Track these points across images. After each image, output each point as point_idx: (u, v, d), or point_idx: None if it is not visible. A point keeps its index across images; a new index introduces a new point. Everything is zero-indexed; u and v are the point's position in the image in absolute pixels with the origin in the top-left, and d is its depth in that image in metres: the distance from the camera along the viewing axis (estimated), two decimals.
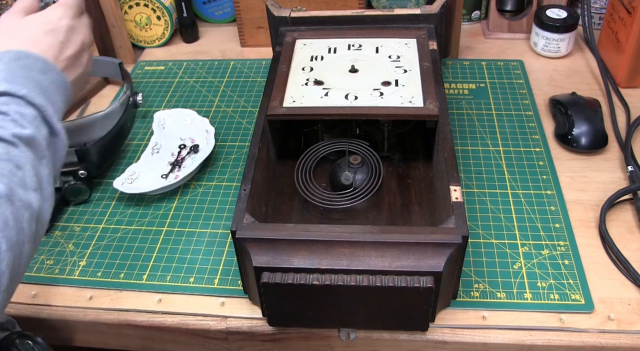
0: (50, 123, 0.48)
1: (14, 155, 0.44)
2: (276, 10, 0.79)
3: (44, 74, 0.50)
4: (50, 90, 0.50)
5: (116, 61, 0.87)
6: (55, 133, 0.49)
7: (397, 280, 0.49)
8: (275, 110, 0.64)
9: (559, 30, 0.87)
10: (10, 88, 0.47)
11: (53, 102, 0.50)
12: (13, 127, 0.45)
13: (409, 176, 0.69)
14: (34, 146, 0.46)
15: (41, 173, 0.46)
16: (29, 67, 0.50)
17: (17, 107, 0.47)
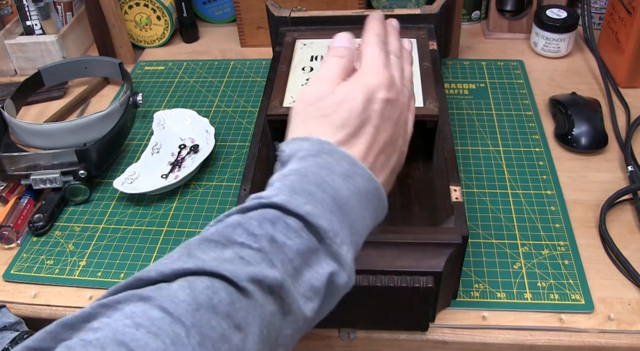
0: (337, 257, 0.34)
1: (239, 309, 0.30)
2: (276, 10, 0.79)
3: (345, 179, 0.36)
4: (352, 204, 0.35)
5: (116, 61, 0.87)
6: (343, 271, 0.34)
7: (397, 280, 0.49)
8: (275, 110, 0.64)
9: (559, 30, 0.87)
10: (287, 201, 0.33)
11: (351, 224, 0.35)
12: (257, 265, 0.31)
13: (409, 176, 0.68)
14: (282, 295, 0.32)
15: (281, 333, 0.32)
16: (328, 167, 0.35)
17: (285, 230, 0.33)
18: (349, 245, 0.35)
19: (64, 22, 0.99)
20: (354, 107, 0.38)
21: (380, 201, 0.38)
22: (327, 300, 0.35)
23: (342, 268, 0.34)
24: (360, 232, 0.36)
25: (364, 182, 0.36)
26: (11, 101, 0.80)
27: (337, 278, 0.34)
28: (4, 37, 0.94)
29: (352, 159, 0.36)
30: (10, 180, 0.72)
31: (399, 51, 0.44)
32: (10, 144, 0.77)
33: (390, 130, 0.40)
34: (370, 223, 0.37)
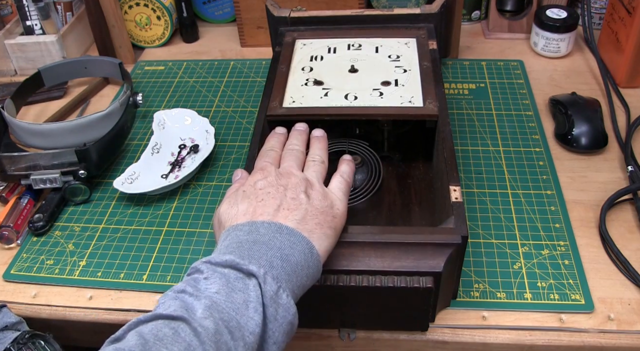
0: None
1: (183, 334, 0.37)
2: (276, 10, 0.79)
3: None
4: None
5: (116, 61, 0.87)
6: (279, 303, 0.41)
7: (397, 280, 0.49)
8: (275, 110, 0.64)
9: (559, 30, 0.87)
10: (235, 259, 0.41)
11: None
12: (188, 299, 0.39)
13: (409, 176, 0.68)
14: (217, 318, 0.38)
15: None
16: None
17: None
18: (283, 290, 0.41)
19: (64, 22, 0.99)
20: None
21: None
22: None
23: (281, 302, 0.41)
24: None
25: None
26: (11, 101, 0.80)
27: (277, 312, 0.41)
28: (4, 37, 0.94)
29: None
30: (10, 180, 0.72)
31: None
32: (10, 144, 0.77)
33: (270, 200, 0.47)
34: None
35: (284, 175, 0.49)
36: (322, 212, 0.47)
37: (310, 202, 0.47)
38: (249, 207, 0.46)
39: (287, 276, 0.42)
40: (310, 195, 0.48)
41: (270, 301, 0.40)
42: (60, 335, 0.62)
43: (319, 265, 0.45)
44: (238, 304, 0.39)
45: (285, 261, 0.42)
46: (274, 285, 0.40)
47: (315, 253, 0.45)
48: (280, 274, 0.41)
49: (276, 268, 0.41)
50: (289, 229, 0.44)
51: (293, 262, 0.42)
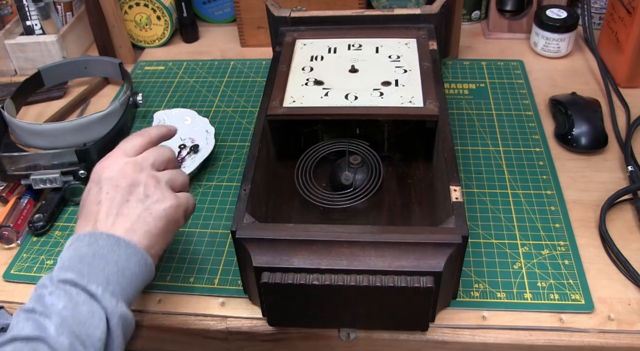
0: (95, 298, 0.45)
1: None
2: (276, 10, 0.79)
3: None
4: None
5: (116, 61, 0.87)
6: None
7: (397, 280, 0.49)
8: (275, 110, 0.64)
9: (559, 30, 0.87)
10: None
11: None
12: (39, 318, 0.43)
13: (409, 176, 0.68)
14: (68, 333, 0.42)
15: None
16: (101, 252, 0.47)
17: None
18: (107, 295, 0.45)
19: (64, 22, 0.99)
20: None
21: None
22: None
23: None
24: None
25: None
26: (11, 101, 0.80)
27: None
28: (4, 37, 0.94)
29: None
30: (10, 180, 0.72)
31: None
32: (10, 144, 0.77)
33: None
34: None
35: (125, 174, 0.51)
36: (162, 224, 0.50)
37: (149, 212, 0.50)
38: (96, 211, 0.50)
39: (123, 289, 0.46)
40: (148, 196, 0.50)
41: (111, 314, 0.44)
42: None
43: (152, 271, 0.50)
44: (84, 316, 0.43)
45: (122, 275, 0.46)
46: (113, 300, 0.45)
47: (150, 263, 0.49)
48: (116, 289, 0.46)
49: (113, 284, 0.45)
50: (126, 242, 0.47)
51: (129, 275, 0.47)
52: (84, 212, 0.51)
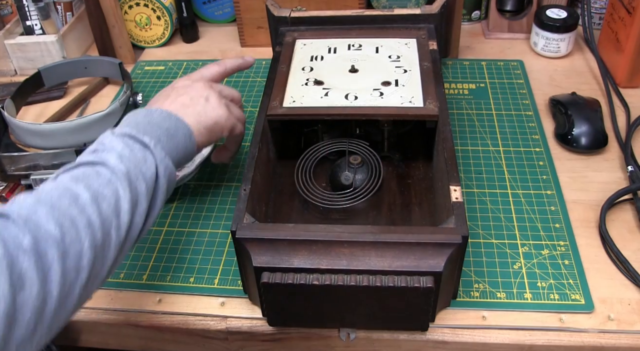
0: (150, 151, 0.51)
1: (103, 173, 0.47)
2: (276, 10, 0.79)
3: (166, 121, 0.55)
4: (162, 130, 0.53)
5: (116, 61, 0.87)
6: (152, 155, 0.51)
7: (397, 280, 0.49)
8: (275, 110, 0.64)
9: (559, 30, 0.87)
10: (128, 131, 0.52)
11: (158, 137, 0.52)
12: (102, 153, 0.49)
13: (409, 176, 0.68)
14: (127, 165, 0.48)
15: (139, 189, 0.48)
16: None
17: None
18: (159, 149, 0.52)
19: (64, 22, 0.99)
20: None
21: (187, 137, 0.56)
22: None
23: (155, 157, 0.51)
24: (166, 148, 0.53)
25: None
26: (11, 101, 0.80)
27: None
28: (4, 37, 0.94)
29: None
30: (10, 180, 0.72)
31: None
32: (10, 144, 0.77)
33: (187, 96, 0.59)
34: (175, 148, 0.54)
35: (197, 83, 0.61)
36: (210, 118, 0.58)
37: (203, 107, 0.58)
38: (162, 99, 0.58)
39: (170, 150, 0.53)
40: (207, 102, 0.59)
41: (160, 163, 0.51)
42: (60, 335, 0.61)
43: (194, 147, 0.56)
44: (139, 158, 0.50)
45: (170, 139, 0.53)
46: (162, 152, 0.52)
47: (194, 140, 0.56)
48: (165, 146, 0.52)
49: (162, 143, 0.52)
50: (175, 117, 0.55)
51: (175, 142, 0.54)
52: (149, 102, 0.59)
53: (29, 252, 0.38)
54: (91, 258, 0.42)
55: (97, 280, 0.44)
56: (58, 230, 0.41)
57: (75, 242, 0.41)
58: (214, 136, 0.58)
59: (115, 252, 0.45)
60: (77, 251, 0.41)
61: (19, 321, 0.37)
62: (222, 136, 0.60)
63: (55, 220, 0.41)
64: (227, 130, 0.60)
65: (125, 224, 0.46)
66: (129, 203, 0.47)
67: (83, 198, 0.44)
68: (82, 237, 0.42)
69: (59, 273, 0.39)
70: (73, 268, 0.41)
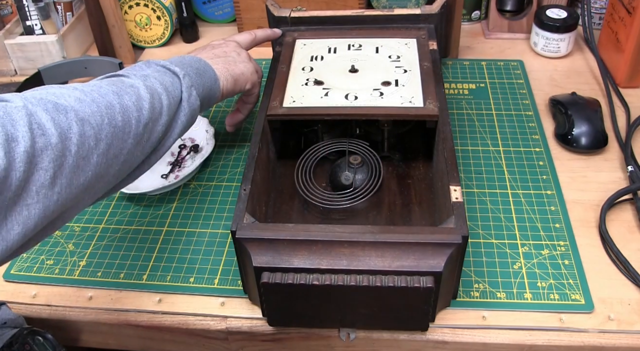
0: (174, 73, 0.56)
1: (127, 81, 0.51)
2: (276, 10, 0.79)
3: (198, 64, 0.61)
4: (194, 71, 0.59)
5: (116, 61, 0.87)
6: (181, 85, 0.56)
7: (397, 280, 0.49)
8: (275, 110, 0.64)
9: (559, 30, 0.87)
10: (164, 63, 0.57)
11: (190, 75, 0.57)
12: (130, 69, 0.54)
13: (409, 176, 0.68)
14: (152, 80, 0.52)
15: (162, 101, 0.52)
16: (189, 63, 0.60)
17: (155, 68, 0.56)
18: (186, 83, 0.56)
19: (64, 22, 0.99)
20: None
21: (215, 80, 0.62)
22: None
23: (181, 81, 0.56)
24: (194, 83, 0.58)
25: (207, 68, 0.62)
26: None
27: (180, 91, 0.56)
28: (4, 37, 0.94)
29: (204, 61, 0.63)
30: None
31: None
32: None
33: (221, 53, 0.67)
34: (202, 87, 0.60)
35: (230, 42, 0.70)
36: (239, 69, 0.65)
37: (234, 59, 0.66)
38: (198, 51, 0.66)
39: (197, 84, 0.58)
40: (238, 56, 0.67)
41: (186, 90, 0.55)
42: (60, 335, 0.62)
43: (219, 90, 0.62)
44: (168, 81, 0.54)
45: (199, 77, 0.59)
46: (189, 82, 0.56)
47: (218, 84, 0.62)
48: (193, 80, 0.57)
49: (191, 77, 0.57)
50: (205, 62, 0.62)
51: (203, 80, 0.59)
52: (185, 55, 0.63)
53: (50, 111, 0.41)
54: (109, 134, 0.45)
55: (115, 163, 0.46)
56: (77, 102, 0.43)
57: (94, 115, 0.44)
58: (238, 86, 0.65)
59: (134, 142, 0.48)
60: (96, 122, 0.44)
61: (38, 164, 0.39)
62: (246, 88, 0.66)
63: (76, 96, 0.44)
64: (251, 84, 0.67)
65: (146, 120, 0.49)
66: (150, 104, 0.49)
67: (105, 89, 0.47)
68: (103, 113, 0.45)
69: (77, 134, 0.42)
70: (92, 136, 0.43)
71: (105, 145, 0.44)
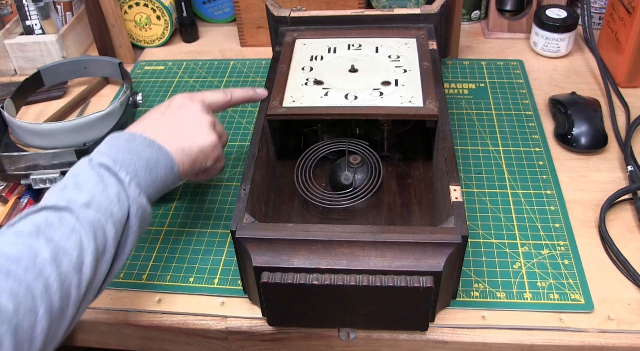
0: (125, 187, 0.49)
1: (68, 220, 0.45)
2: (276, 10, 0.79)
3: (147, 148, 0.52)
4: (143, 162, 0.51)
5: (116, 61, 0.87)
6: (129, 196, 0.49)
7: (397, 280, 0.49)
8: (275, 110, 0.64)
9: (559, 30, 0.87)
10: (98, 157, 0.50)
11: (137, 172, 0.51)
12: (71, 193, 0.47)
13: (409, 176, 0.68)
14: (96, 208, 0.47)
15: (107, 234, 0.47)
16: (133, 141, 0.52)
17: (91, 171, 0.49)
18: (135, 184, 0.50)
19: (64, 22, 0.99)
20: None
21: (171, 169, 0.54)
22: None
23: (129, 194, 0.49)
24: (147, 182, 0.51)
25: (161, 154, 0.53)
26: (11, 101, 0.80)
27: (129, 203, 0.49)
28: (4, 37, 0.94)
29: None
30: (10, 180, 0.72)
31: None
32: (10, 144, 0.77)
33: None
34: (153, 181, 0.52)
35: (195, 104, 0.59)
36: (197, 145, 0.55)
37: (193, 134, 0.56)
38: (155, 117, 0.57)
39: (147, 185, 0.51)
40: (200, 127, 0.57)
41: (133, 202, 0.49)
42: None
43: (176, 179, 0.55)
44: (112, 197, 0.48)
45: (149, 173, 0.51)
46: (137, 190, 0.50)
47: (176, 171, 0.54)
48: (142, 182, 0.50)
49: (140, 177, 0.50)
50: (158, 147, 0.53)
51: (155, 175, 0.52)
52: (143, 118, 0.57)
53: None
54: (46, 325, 0.41)
55: (55, 339, 0.43)
56: (12, 303, 0.39)
57: (29, 313, 0.40)
58: (197, 165, 0.56)
59: (74, 309, 0.44)
60: (31, 322, 0.40)
61: None
62: (207, 166, 0.57)
63: (10, 292, 0.39)
64: (213, 160, 0.58)
65: (87, 279, 0.45)
66: (93, 255, 0.45)
67: (42, 257, 0.42)
68: (38, 305, 0.40)
69: (11, 347, 0.38)
70: (26, 340, 0.39)
71: (42, 340, 0.40)
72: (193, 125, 0.56)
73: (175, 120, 0.56)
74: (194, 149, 0.55)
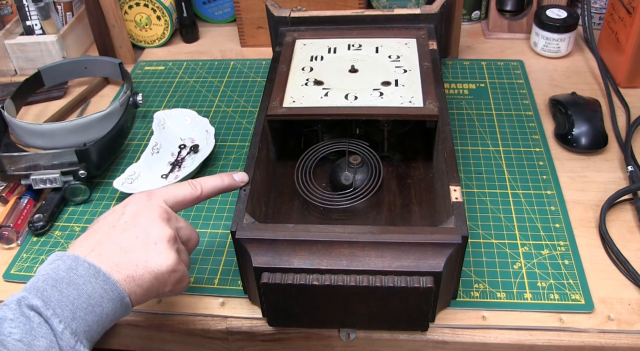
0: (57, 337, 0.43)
1: None
2: (276, 10, 0.79)
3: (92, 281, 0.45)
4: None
5: (116, 61, 0.87)
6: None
7: (397, 280, 0.49)
8: (275, 110, 0.64)
9: (559, 30, 0.87)
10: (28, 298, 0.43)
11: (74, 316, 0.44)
12: None
13: (409, 176, 0.68)
14: None
15: None
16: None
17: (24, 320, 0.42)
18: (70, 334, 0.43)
19: (64, 22, 0.99)
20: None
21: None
22: None
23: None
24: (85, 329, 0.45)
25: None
26: (11, 101, 0.80)
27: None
28: (4, 37, 0.94)
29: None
30: (10, 180, 0.72)
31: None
32: (10, 144, 0.77)
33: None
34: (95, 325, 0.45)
35: (154, 208, 0.50)
36: (150, 271, 0.47)
37: (144, 255, 0.47)
38: (105, 231, 0.49)
39: (88, 327, 0.44)
40: (155, 245, 0.48)
41: None
42: None
43: (127, 310, 0.47)
44: (40, 349, 0.41)
45: (91, 312, 0.44)
46: (72, 339, 0.43)
47: (126, 303, 0.46)
48: (80, 326, 0.44)
49: (77, 320, 0.43)
50: (106, 277, 0.45)
51: (98, 312, 0.45)
52: (93, 228, 0.50)
53: None
54: None
55: None
56: None
57: None
58: (153, 292, 0.48)
59: None
60: None
61: None
62: (164, 291, 0.50)
63: None
64: (172, 284, 0.49)
65: None
66: None
67: None
68: None
69: None
70: None
71: None
72: (146, 244, 0.48)
73: (127, 236, 0.48)
74: (146, 277, 0.47)
